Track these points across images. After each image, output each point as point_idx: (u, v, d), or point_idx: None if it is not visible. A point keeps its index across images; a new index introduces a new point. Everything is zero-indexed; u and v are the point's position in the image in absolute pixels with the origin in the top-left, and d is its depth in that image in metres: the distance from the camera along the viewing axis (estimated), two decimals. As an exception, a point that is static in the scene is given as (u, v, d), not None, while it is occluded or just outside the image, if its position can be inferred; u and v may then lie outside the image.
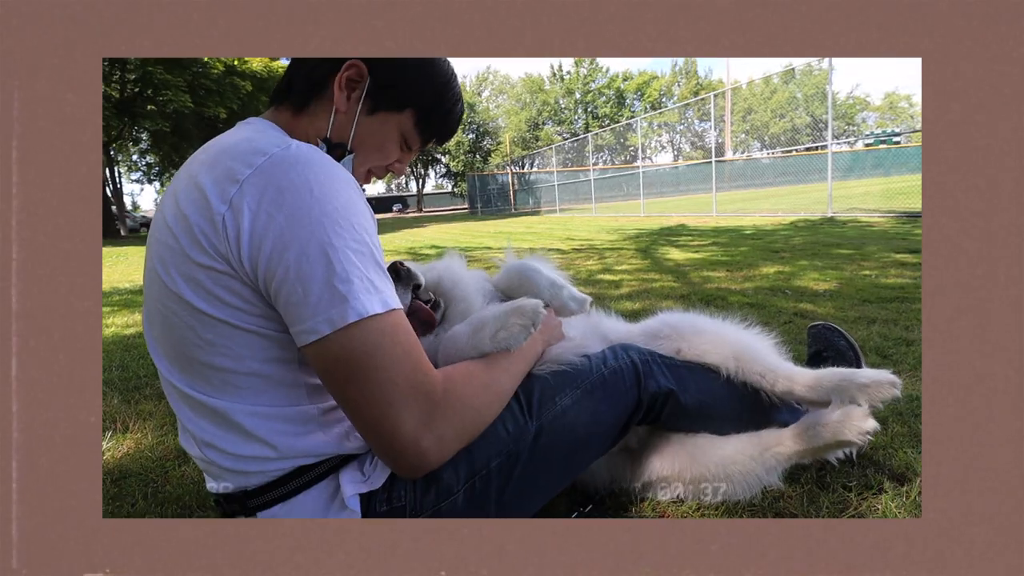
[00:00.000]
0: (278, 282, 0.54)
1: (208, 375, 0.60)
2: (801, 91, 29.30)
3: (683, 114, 35.12)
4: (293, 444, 0.62)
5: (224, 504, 0.65)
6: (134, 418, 1.45)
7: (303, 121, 0.69)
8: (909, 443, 1.04)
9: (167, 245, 0.59)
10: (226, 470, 0.63)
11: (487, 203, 22.43)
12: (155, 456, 1.23)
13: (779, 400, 0.90)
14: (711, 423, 0.88)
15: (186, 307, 0.58)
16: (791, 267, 3.15)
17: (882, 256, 3.31)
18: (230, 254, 0.55)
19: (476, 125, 34.46)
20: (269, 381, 0.60)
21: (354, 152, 0.71)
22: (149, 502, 1.04)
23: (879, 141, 17.66)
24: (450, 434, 0.59)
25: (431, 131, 0.75)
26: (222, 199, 0.55)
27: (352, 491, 0.62)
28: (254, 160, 0.56)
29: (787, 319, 2.01)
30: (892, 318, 1.92)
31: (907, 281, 2.54)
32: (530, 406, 0.72)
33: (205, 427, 0.62)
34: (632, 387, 0.79)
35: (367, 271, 0.55)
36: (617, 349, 0.83)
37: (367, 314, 0.53)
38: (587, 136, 16.07)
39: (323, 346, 0.54)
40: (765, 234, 5.28)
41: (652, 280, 3.10)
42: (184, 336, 0.59)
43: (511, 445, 0.68)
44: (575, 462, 0.77)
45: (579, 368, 0.78)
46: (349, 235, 0.55)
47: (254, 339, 0.59)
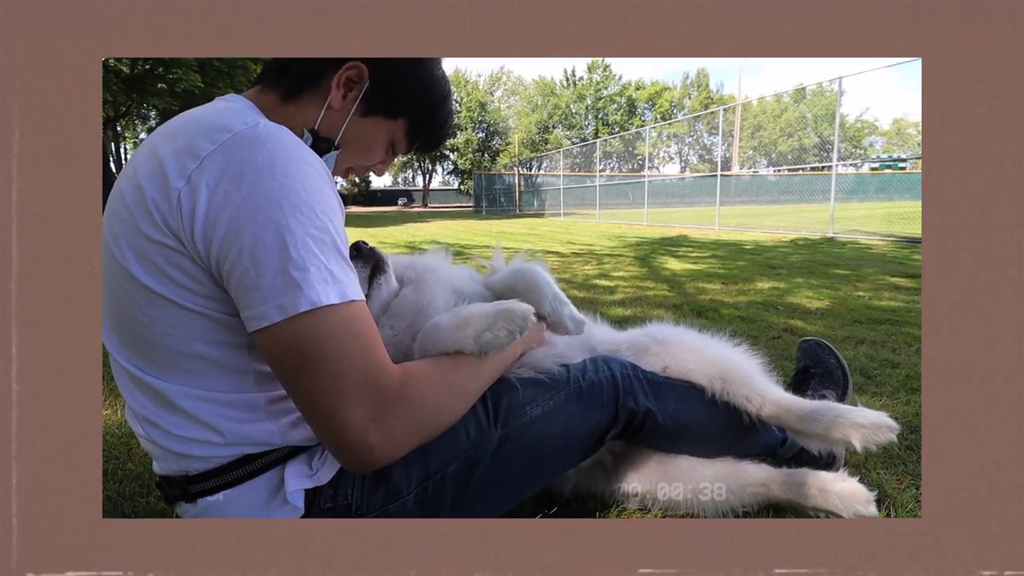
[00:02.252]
0: (231, 264, 0.52)
1: (151, 355, 0.59)
2: (811, 111, 29.38)
3: (693, 126, 35.17)
4: (238, 431, 0.60)
5: (166, 488, 0.64)
6: (106, 394, 1.44)
7: (290, 109, 0.67)
8: (883, 464, 1.03)
9: (120, 217, 0.57)
10: (168, 451, 0.61)
11: (492, 202, 22.44)
12: (120, 433, 1.22)
13: (762, 424, 0.88)
14: (690, 444, 0.86)
15: (134, 282, 0.56)
16: (786, 284, 3.15)
17: (877, 279, 3.30)
18: (182, 231, 0.53)
19: (486, 124, 34.51)
20: (215, 365, 0.59)
21: (340, 149, 0.71)
22: (109, 479, 1.03)
23: (885, 166, 17.70)
24: (401, 432, 0.56)
25: (420, 141, 0.76)
26: (181, 174, 0.53)
27: (296, 485, 0.61)
28: (218, 136, 0.54)
29: (776, 334, 2.00)
30: (881, 340, 1.91)
31: (899, 304, 2.53)
32: (496, 412, 0.69)
33: (147, 407, 0.61)
34: (609, 402, 0.76)
35: (326, 260, 0.53)
36: (599, 361, 0.80)
37: (320, 304, 0.51)
38: (596, 142, 16.09)
39: (273, 333, 0.52)
40: (764, 250, 5.27)
41: (647, 288, 3.09)
42: (130, 312, 0.58)
43: (471, 451, 0.66)
44: (539, 474, 0.75)
45: (555, 377, 0.75)
46: (309, 221, 0.52)
47: (201, 321, 0.57)
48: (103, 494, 0.96)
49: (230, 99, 0.66)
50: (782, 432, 0.92)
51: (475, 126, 33.94)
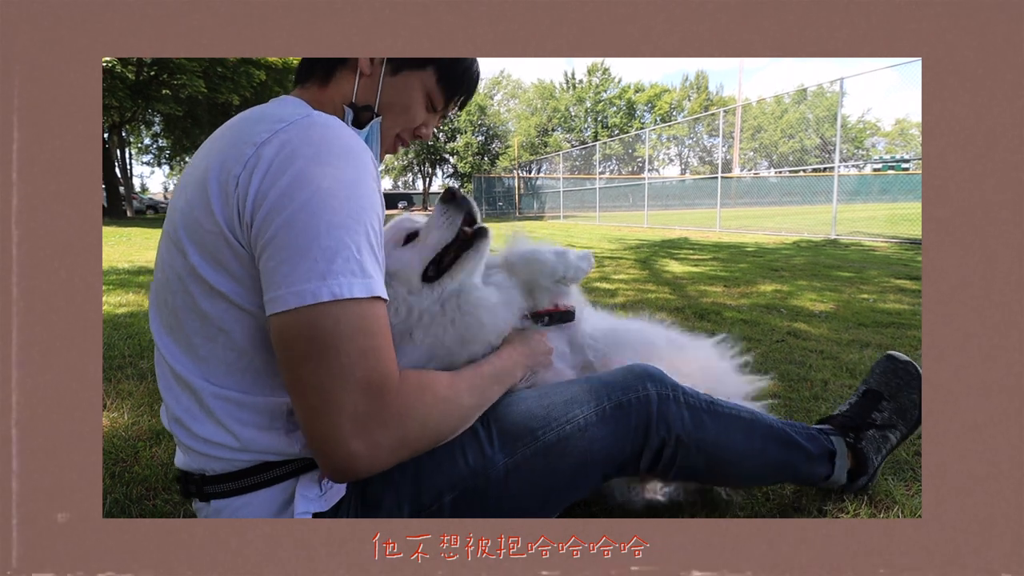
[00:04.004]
0: (263, 244, 0.52)
1: (196, 346, 0.59)
2: (812, 113, 29.37)
3: (692, 128, 35.22)
4: (256, 438, 0.59)
5: (184, 483, 0.64)
6: (113, 396, 1.44)
7: (329, 91, 0.69)
8: (891, 471, 1.03)
9: (182, 211, 0.58)
10: (189, 449, 0.62)
11: (492, 205, 22.49)
12: (128, 436, 1.22)
13: (808, 461, 0.82)
14: (721, 480, 0.81)
15: (193, 275, 0.57)
16: (789, 286, 3.14)
17: (882, 281, 3.29)
18: (237, 218, 0.54)
19: (486, 128, 34.61)
20: (252, 364, 0.59)
21: (381, 115, 0.71)
22: (116, 481, 1.03)
23: (887, 167, 17.67)
24: (388, 443, 0.53)
25: (453, 87, 0.74)
26: (238, 161, 0.54)
27: (304, 508, 0.59)
28: (274, 126, 0.55)
29: (779, 338, 2.00)
30: (886, 343, 1.90)
31: (905, 307, 2.52)
32: (503, 437, 0.63)
33: (179, 403, 0.61)
34: (640, 428, 0.67)
35: (358, 252, 0.52)
36: (632, 375, 0.70)
37: (343, 296, 0.50)
38: (596, 145, 16.11)
39: (287, 319, 0.50)
40: (766, 252, 5.26)
41: (648, 291, 3.09)
42: (184, 304, 0.59)
43: (470, 480, 0.61)
44: (552, 506, 0.67)
45: (575, 395, 0.68)
46: (347, 212, 0.52)
47: (245, 318, 0.57)
48: (111, 497, 0.97)
49: (283, 99, 0.68)
50: (830, 468, 0.86)
51: (475, 129, 34.03)
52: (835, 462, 0.87)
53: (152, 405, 1.39)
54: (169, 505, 0.96)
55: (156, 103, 14.68)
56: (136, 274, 3.99)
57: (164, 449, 1.16)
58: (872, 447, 0.90)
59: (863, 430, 0.91)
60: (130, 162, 23.59)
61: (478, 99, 34.37)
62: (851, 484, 0.90)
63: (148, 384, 1.55)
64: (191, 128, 17.84)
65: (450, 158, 35.44)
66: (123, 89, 13.33)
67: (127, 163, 21.89)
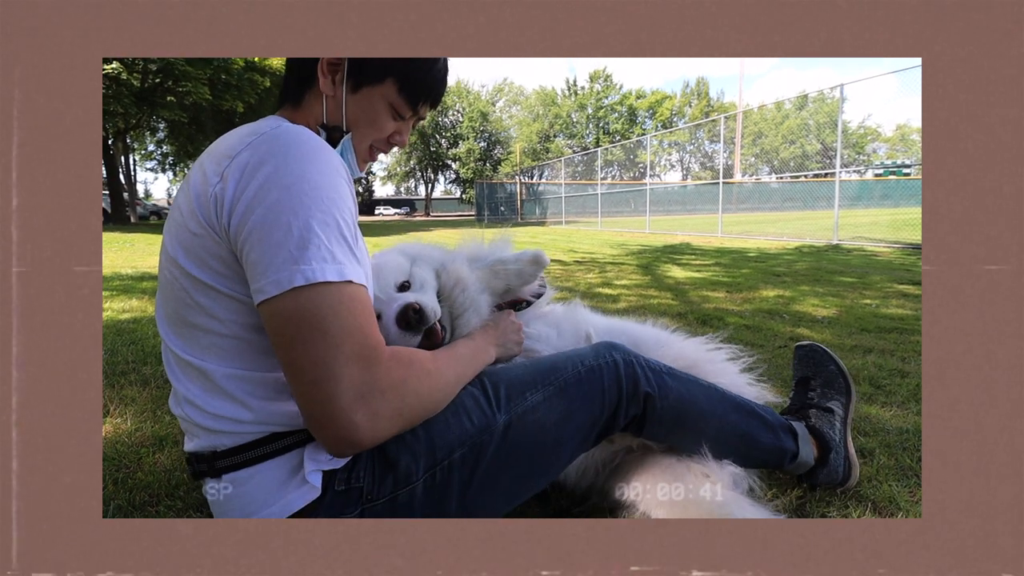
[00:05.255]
0: (242, 241, 0.57)
1: (197, 336, 0.64)
2: (813, 119, 29.44)
3: (694, 134, 35.32)
4: (266, 408, 0.63)
5: (195, 463, 0.67)
6: (116, 402, 1.44)
7: (303, 113, 0.74)
8: (894, 476, 1.02)
9: (174, 219, 0.65)
10: (202, 428, 0.65)
11: (494, 211, 22.55)
12: (131, 442, 1.22)
13: (770, 428, 0.88)
14: (691, 436, 0.85)
15: (183, 272, 0.62)
16: (791, 291, 3.13)
17: (885, 286, 3.28)
18: (217, 223, 0.59)
19: (488, 134, 34.77)
20: (250, 345, 0.63)
21: (350, 131, 0.74)
22: (119, 487, 1.03)
23: (889, 172, 17.66)
24: (386, 413, 0.58)
25: (415, 94, 0.76)
26: (216, 172, 0.60)
27: (314, 466, 0.63)
28: (248, 139, 0.61)
29: (782, 343, 1.99)
30: (889, 348, 1.90)
31: (908, 312, 2.51)
32: (498, 399, 0.71)
33: (190, 387, 0.65)
34: (612, 387, 0.76)
35: (328, 240, 0.56)
36: (600, 347, 0.81)
37: (316, 280, 0.54)
38: (597, 151, 16.16)
39: (271, 306, 0.55)
40: (768, 257, 5.26)
41: (650, 296, 3.09)
42: (181, 300, 0.64)
43: (476, 436, 0.68)
44: (544, 463, 0.74)
45: (554, 363, 0.77)
46: (316, 206, 0.56)
47: (235, 304, 0.62)
48: (114, 503, 0.97)
49: (267, 119, 0.73)
50: (793, 443, 0.91)
51: (477, 136, 34.20)
52: (798, 443, 0.92)
53: (155, 411, 1.39)
54: (173, 512, 0.96)
55: (161, 110, 14.81)
56: (139, 280, 4.01)
57: (167, 455, 1.16)
58: (823, 423, 0.97)
59: (806, 410, 1.00)
60: (134, 168, 23.77)
61: (480, 105, 34.57)
62: (823, 467, 0.93)
63: (151, 390, 1.55)
64: (195, 135, 17.97)
65: (452, 164, 35.59)
66: (128, 96, 13.45)
67: (131, 169, 22.05)
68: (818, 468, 0.93)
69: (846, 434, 0.98)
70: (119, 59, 12.96)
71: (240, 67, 15.04)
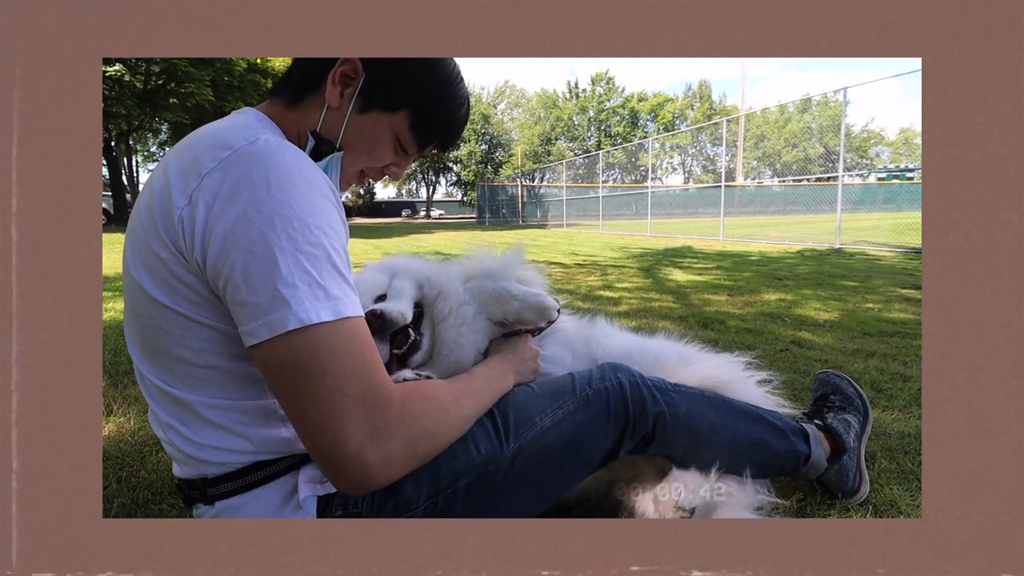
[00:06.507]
0: (224, 280, 0.52)
1: (171, 365, 0.60)
2: (816, 122, 29.42)
3: (695, 137, 35.32)
4: (255, 435, 0.61)
5: (186, 490, 0.65)
6: (119, 402, 1.45)
7: (295, 115, 0.67)
8: (896, 480, 1.02)
9: (135, 233, 0.59)
10: (187, 456, 0.62)
11: (495, 213, 22.56)
12: (134, 441, 1.23)
13: (782, 435, 0.87)
14: (704, 451, 0.84)
15: (147, 296, 0.58)
16: (793, 295, 3.13)
17: (887, 290, 3.28)
18: (185, 249, 0.54)
19: (489, 136, 34.83)
20: (228, 375, 0.59)
21: (343, 151, 0.68)
22: (122, 486, 1.03)
23: (892, 176, 17.63)
24: (399, 452, 0.55)
25: (429, 135, 0.71)
26: (183, 193, 0.54)
27: (308, 492, 0.61)
28: (219, 154, 0.54)
29: (784, 347, 1.99)
30: (891, 353, 1.89)
31: (910, 317, 2.50)
32: (507, 427, 0.69)
33: (171, 414, 0.62)
34: (618, 410, 0.75)
35: (319, 276, 0.52)
36: (605, 369, 0.79)
37: (310, 322, 0.50)
38: (599, 153, 16.17)
39: (265, 350, 0.51)
40: (770, 261, 5.25)
41: (652, 299, 3.09)
42: (148, 326, 0.59)
43: (482, 466, 0.66)
44: (550, 487, 0.73)
45: (562, 387, 0.75)
46: (302, 236, 0.51)
47: (210, 333, 0.57)
48: (117, 501, 0.97)
49: (243, 112, 0.67)
50: (805, 445, 0.90)
51: (478, 138, 34.25)
52: (810, 444, 0.91)
53: (158, 410, 1.40)
54: (175, 510, 0.96)
55: (163, 111, 14.87)
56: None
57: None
58: (839, 425, 0.97)
59: (823, 412, 1.01)
60: (137, 170, 23.85)
61: (482, 108, 34.64)
62: (835, 463, 0.93)
63: (154, 389, 1.56)
64: (198, 136, 17.99)
65: (453, 166, 35.65)
66: (131, 97, 13.51)
67: (134, 171, 22.13)
68: (830, 465, 0.92)
69: (860, 448, 0.97)
70: (122, 61, 13.03)
71: (242, 69, 15.10)
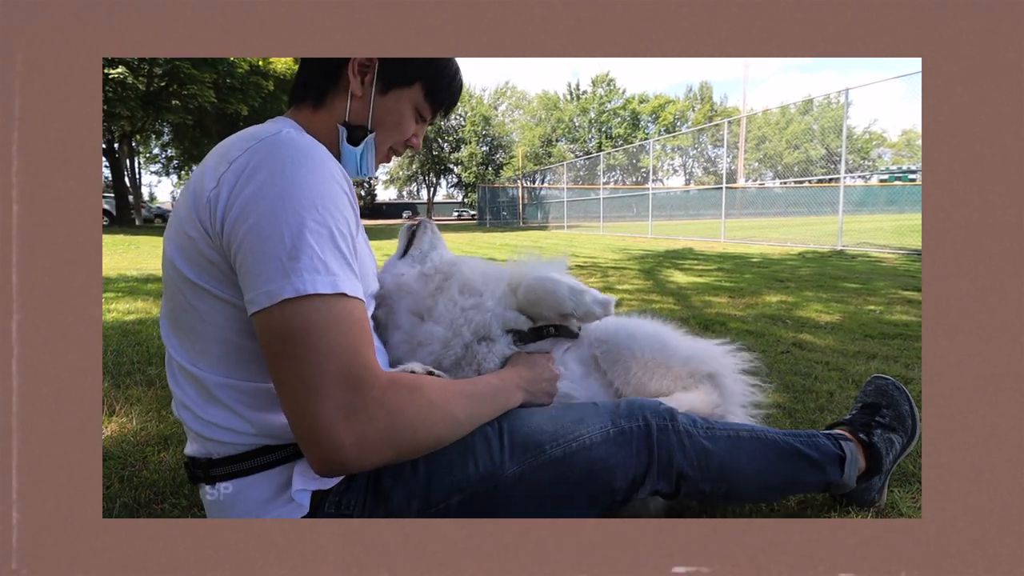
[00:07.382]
0: (235, 249, 0.56)
1: (193, 341, 0.63)
2: (818, 123, 29.42)
3: (697, 139, 35.34)
4: (259, 419, 0.62)
5: (191, 468, 0.67)
6: (122, 402, 1.45)
7: (323, 115, 0.73)
8: (897, 481, 1.02)
9: (174, 216, 0.65)
10: (196, 434, 0.65)
11: (496, 215, 22.58)
12: (137, 441, 1.23)
13: (816, 467, 0.82)
14: (727, 497, 0.80)
15: (179, 274, 0.62)
16: (795, 297, 3.12)
17: (889, 292, 3.27)
18: (209, 226, 0.58)
19: (490, 138, 34.88)
20: (240, 353, 0.62)
21: (375, 131, 0.75)
22: (125, 485, 1.03)
23: (894, 177, 17.61)
24: (374, 438, 0.54)
25: (439, 99, 0.78)
26: (214, 177, 0.58)
27: (301, 485, 0.61)
28: (247, 144, 0.59)
29: (785, 348, 1.99)
30: (893, 355, 1.89)
31: (912, 319, 2.50)
32: (512, 446, 0.66)
33: (187, 391, 0.65)
34: (641, 454, 0.70)
35: (321, 251, 0.54)
36: (634, 406, 0.74)
37: (306, 292, 0.52)
38: (600, 155, 16.19)
39: (263, 319, 0.54)
40: (772, 263, 5.25)
41: (652, 301, 3.09)
42: (178, 301, 0.63)
43: (479, 485, 0.63)
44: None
45: (581, 416, 0.71)
46: (310, 215, 0.55)
47: (230, 309, 0.60)
48: (120, 501, 0.97)
49: (275, 120, 0.72)
50: (839, 473, 0.85)
51: (479, 140, 34.30)
52: (844, 468, 0.86)
53: (160, 411, 1.40)
54: (177, 509, 0.96)
55: (166, 113, 14.93)
56: (144, 282, 4.03)
57: (172, 454, 1.17)
58: (883, 445, 0.92)
59: (872, 428, 0.94)
60: (139, 171, 23.97)
61: (482, 110, 34.70)
62: (864, 482, 0.89)
63: (156, 390, 1.56)
64: (200, 138, 18.12)
65: (454, 168, 35.70)
66: (134, 99, 13.57)
67: (136, 172, 22.22)
68: (857, 484, 0.88)
69: (891, 468, 0.94)
70: (125, 63, 13.10)
71: (244, 71, 15.17)
